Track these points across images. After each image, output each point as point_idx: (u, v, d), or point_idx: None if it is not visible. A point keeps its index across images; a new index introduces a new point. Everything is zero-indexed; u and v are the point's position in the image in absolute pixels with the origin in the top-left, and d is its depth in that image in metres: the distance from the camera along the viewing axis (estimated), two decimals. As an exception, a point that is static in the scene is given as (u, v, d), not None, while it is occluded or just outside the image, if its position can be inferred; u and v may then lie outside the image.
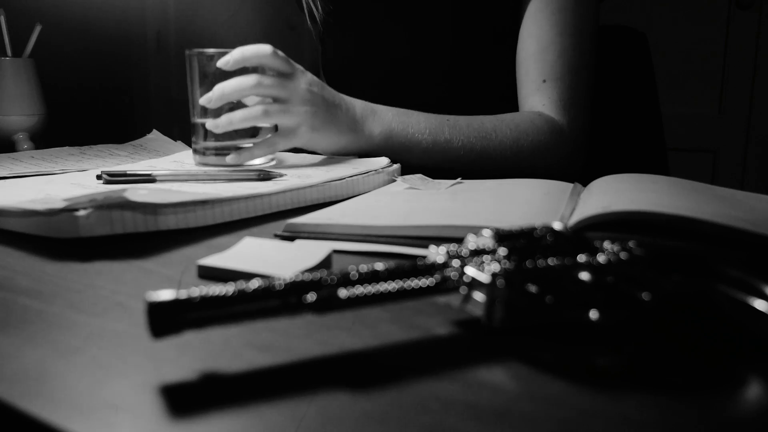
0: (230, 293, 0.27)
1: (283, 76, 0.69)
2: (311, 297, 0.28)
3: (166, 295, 0.26)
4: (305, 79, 0.70)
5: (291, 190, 0.59)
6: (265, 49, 0.68)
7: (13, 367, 0.28)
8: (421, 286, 0.30)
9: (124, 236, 0.48)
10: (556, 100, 0.82)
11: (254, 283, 0.27)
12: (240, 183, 0.63)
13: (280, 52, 0.69)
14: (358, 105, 0.74)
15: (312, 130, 0.70)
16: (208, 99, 0.67)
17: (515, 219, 0.48)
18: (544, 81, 0.83)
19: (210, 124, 0.69)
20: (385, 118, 0.74)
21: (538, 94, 0.83)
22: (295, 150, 0.83)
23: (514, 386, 0.26)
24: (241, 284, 0.27)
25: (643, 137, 1.09)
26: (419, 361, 0.29)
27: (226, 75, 0.68)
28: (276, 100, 0.69)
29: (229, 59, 0.67)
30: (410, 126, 0.75)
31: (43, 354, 0.29)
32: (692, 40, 1.98)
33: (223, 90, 0.67)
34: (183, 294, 0.26)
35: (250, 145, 0.71)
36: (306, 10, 1.01)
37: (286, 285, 0.28)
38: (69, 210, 0.46)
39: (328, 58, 1.01)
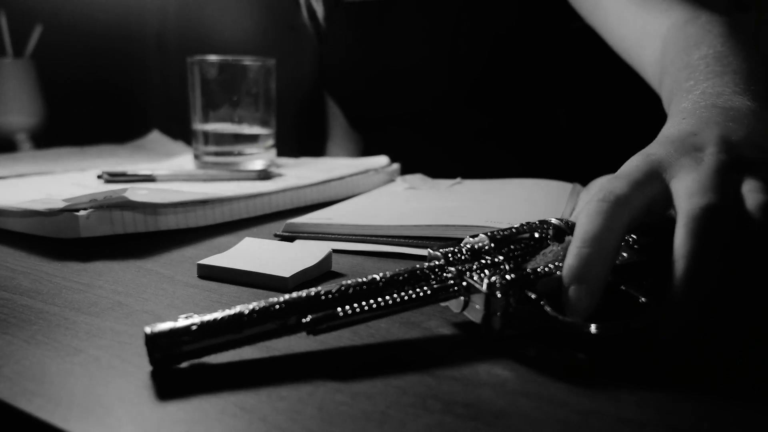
0: (227, 319, 0.27)
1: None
2: (309, 318, 0.28)
3: (163, 327, 0.27)
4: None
5: (291, 189, 0.59)
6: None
7: (13, 367, 0.28)
8: (419, 295, 0.30)
9: (124, 236, 0.48)
10: (686, 2, 0.63)
11: (251, 307, 0.28)
12: (240, 183, 0.63)
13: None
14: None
15: None
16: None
17: (515, 219, 0.48)
18: None
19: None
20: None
21: (665, 12, 0.63)
22: (296, 155, 0.83)
23: (514, 386, 0.26)
24: (238, 310, 0.28)
25: (646, 137, 1.09)
26: (419, 362, 0.29)
27: (226, 81, 0.68)
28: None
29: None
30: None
31: (43, 354, 0.29)
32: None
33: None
34: (180, 324, 0.27)
35: (253, 150, 0.71)
36: (305, 7, 1.00)
37: (283, 306, 0.28)
38: (69, 210, 0.46)
39: (327, 56, 1.01)
